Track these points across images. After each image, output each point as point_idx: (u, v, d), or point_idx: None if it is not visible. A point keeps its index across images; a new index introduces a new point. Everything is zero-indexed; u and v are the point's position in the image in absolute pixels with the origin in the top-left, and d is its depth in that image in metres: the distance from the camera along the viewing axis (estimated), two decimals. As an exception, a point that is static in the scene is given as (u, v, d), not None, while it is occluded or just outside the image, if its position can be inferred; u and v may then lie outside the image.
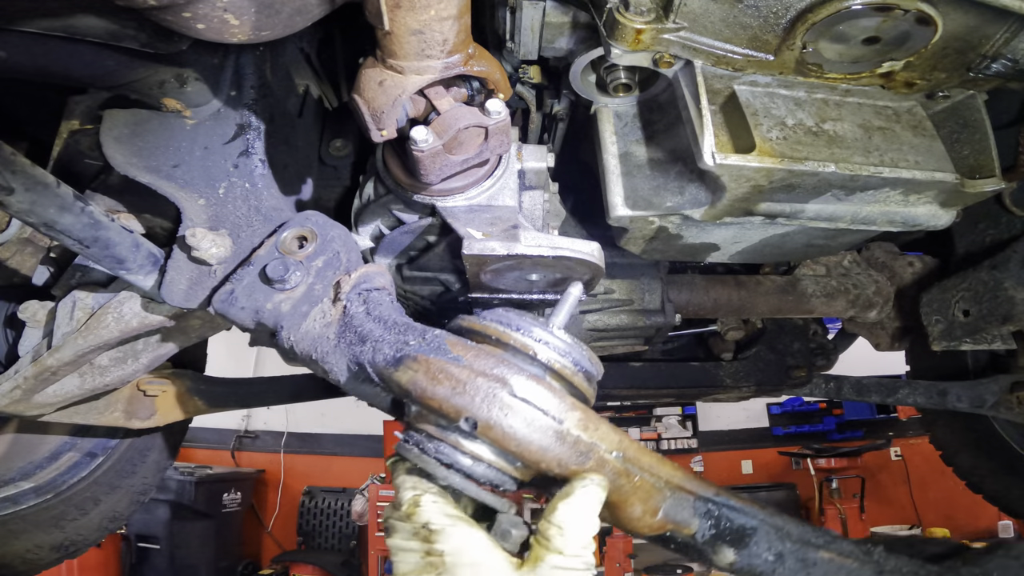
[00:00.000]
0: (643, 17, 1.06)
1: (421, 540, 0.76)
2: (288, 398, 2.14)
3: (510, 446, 0.81)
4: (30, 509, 1.77)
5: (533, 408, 0.81)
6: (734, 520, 1.02)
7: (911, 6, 1.01)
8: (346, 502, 7.03)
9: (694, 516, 0.97)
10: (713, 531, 1.00)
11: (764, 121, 1.17)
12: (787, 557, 1.06)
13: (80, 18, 0.94)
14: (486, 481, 0.84)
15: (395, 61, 0.92)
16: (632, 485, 0.89)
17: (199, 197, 1.13)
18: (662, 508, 0.93)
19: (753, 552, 1.03)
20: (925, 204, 1.29)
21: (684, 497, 0.97)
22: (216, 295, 1.00)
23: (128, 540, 6.05)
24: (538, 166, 1.24)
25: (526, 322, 0.90)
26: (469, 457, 0.83)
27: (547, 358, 0.89)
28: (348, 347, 0.93)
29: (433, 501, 0.79)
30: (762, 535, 1.04)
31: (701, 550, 1.01)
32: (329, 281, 1.00)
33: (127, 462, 2.00)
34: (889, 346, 2.17)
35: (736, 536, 1.02)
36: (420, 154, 0.98)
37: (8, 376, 1.22)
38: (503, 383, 0.81)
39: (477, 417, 0.80)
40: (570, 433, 0.82)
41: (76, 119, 1.34)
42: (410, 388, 0.84)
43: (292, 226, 1.05)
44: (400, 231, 1.22)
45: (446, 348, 0.85)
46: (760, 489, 6.91)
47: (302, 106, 1.41)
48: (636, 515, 0.90)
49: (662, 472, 0.95)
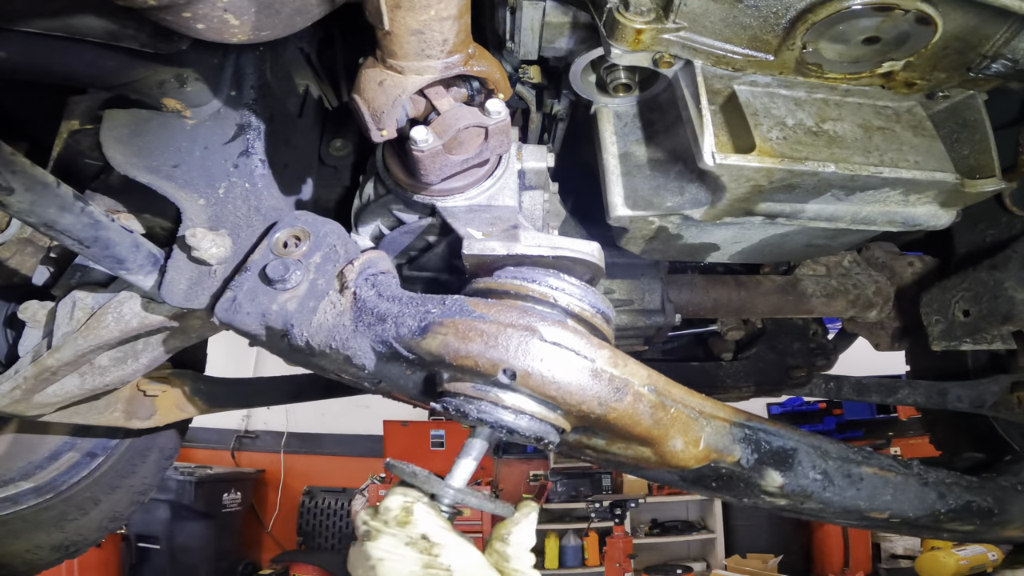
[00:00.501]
0: (643, 17, 1.06)
1: (419, 551, 0.75)
2: (288, 398, 2.14)
3: (550, 391, 0.82)
4: (30, 509, 1.77)
5: (565, 350, 0.83)
6: (772, 442, 1.03)
7: (911, 6, 1.01)
8: (346, 502, 7.04)
9: (734, 443, 0.98)
10: (756, 455, 1.00)
11: (764, 121, 1.17)
12: (832, 475, 1.06)
13: (80, 18, 0.94)
14: (531, 434, 0.85)
15: (395, 61, 0.92)
16: (669, 417, 0.90)
17: (199, 197, 1.13)
18: (702, 437, 0.94)
19: (799, 472, 1.03)
20: (925, 204, 1.29)
21: (720, 425, 0.98)
22: (218, 305, 0.99)
23: (128, 540, 6.05)
24: (538, 166, 1.24)
25: (539, 274, 0.93)
26: (511, 412, 0.84)
27: (567, 303, 0.92)
28: (368, 329, 0.93)
29: (427, 512, 0.78)
30: (803, 455, 1.05)
31: (748, 478, 1.01)
32: (330, 274, 1.00)
33: (127, 462, 2.00)
34: (889, 346, 2.17)
35: (779, 458, 1.03)
36: (420, 154, 0.98)
37: (8, 376, 1.22)
38: (532, 331, 0.83)
39: (515, 367, 0.81)
40: (604, 370, 0.84)
41: (76, 119, 1.34)
42: (442, 352, 0.84)
43: (283, 227, 1.04)
44: (400, 231, 1.22)
45: (469, 309, 0.87)
46: (760, 489, 6.90)
47: (302, 106, 1.41)
48: (679, 448, 0.91)
49: (694, 403, 0.96)
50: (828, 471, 1.04)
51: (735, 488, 1.03)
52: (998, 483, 1.28)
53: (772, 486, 1.01)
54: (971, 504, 1.19)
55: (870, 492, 1.07)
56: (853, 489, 1.06)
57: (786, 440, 1.04)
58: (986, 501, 1.22)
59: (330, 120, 1.56)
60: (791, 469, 1.02)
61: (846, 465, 1.08)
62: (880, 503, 1.08)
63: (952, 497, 1.18)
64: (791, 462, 1.02)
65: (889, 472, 1.11)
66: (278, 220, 1.06)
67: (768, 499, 1.04)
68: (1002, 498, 1.24)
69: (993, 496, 1.23)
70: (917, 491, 1.13)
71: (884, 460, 1.14)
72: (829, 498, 1.04)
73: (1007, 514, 1.24)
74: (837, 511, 1.08)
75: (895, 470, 1.12)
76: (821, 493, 1.03)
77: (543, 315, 0.88)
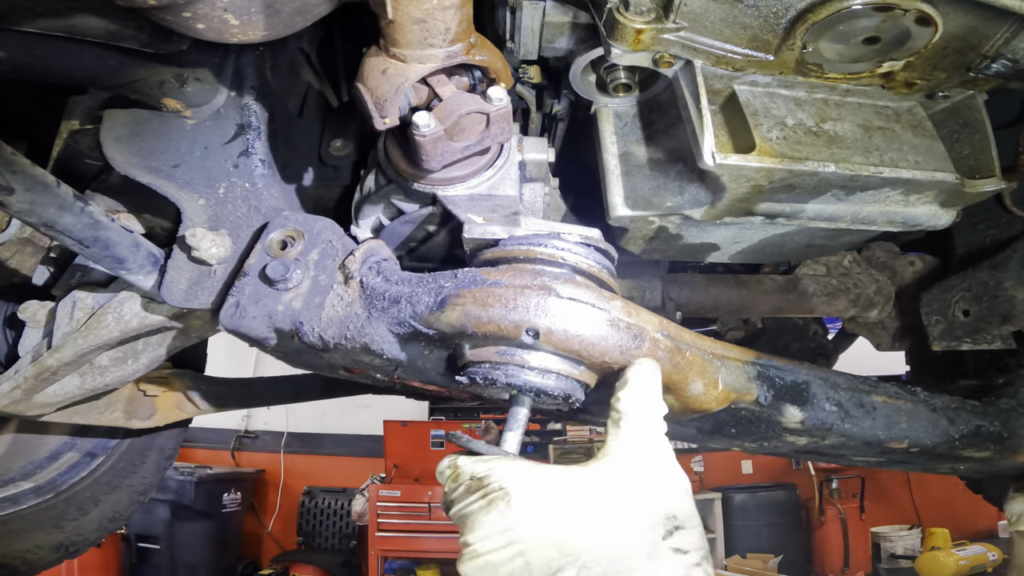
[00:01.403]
0: (643, 17, 1.06)
1: (476, 492, 0.75)
2: (288, 398, 2.13)
3: (573, 345, 0.84)
4: (30, 509, 1.77)
5: (582, 304, 0.85)
6: (785, 377, 1.04)
7: (911, 6, 1.01)
8: (346, 502, 7.04)
9: (750, 381, 0.99)
10: (772, 392, 1.01)
11: (764, 121, 1.17)
12: (847, 405, 1.07)
13: (80, 18, 0.94)
14: (559, 394, 0.86)
15: (398, 50, 0.93)
16: (686, 360, 0.91)
17: (199, 197, 1.13)
18: (720, 378, 0.95)
19: (817, 406, 1.04)
20: (925, 204, 1.29)
21: (734, 364, 0.99)
22: (222, 313, 0.98)
23: (128, 540, 6.05)
24: (539, 158, 1.24)
25: (543, 237, 0.95)
26: (538, 372, 0.86)
27: (574, 262, 0.94)
28: (383, 313, 0.93)
29: (464, 459, 0.80)
30: (816, 387, 1.06)
31: (768, 417, 1.01)
32: (331, 269, 1.00)
33: (127, 462, 2.00)
34: (890, 346, 2.17)
35: (794, 393, 1.03)
36: (422, 139, 0.98)
37: (8, 376, 1.22)
38: (549, 290, 0.85)
39: (536, 325, 0.83)
40: (620, 319, 0.86)
41: (76, 119, 1.34)
42: (463, 321, 0.85)
43: (275, 228, 1.04)
44: (400, 221, 1.22)
45: (483, 278, 0.88)
46: (760, 489, 6.91)
47: (302, 106, 1.41)
48: (699, 391, 0.92)
49: (705, 345, 0.98)
50: (842, 402, 1.05)
51: (756, 430, 1.04)
52: (999, 406, 1.29)
53: (792, 422, 1.01)
54: (981, 428, 1.20)
55: (886, 421, 1.08)
56: (869, 419, 1.06)
57: (797, 374, 1.05)
58: (994, 425, 1.22)
59: (330, 120, 1.56)
60: (808, 403, 1.02)
61: (857, 395, 1.08)
62: (897, 432, 1.08)
63: (961, 422, 1.18)
64: (807, 395, 1.03)
65: (899, 400, 1.12)
66: (268, 222, 1.06)
67: (790, 438, 1.04)
68: (1008, 421, 1.25)
69: (999, 420, 1.24)
70: (929, 417, 1.14)
71: (891, 388, 1.14)
72: (849, 430, 1.04)
73: (1017, 437, 1.25)
74: (858, 444, 1.07)
75: (903, 397, 1.13)
76: (841, 425, 1.03)
77: (554, 275, 0.90)
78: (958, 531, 6.04)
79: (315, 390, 2.14)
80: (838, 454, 1.13)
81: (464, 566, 0.73)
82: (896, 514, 6.84)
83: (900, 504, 6.93)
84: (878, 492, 6.87)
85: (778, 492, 6.85)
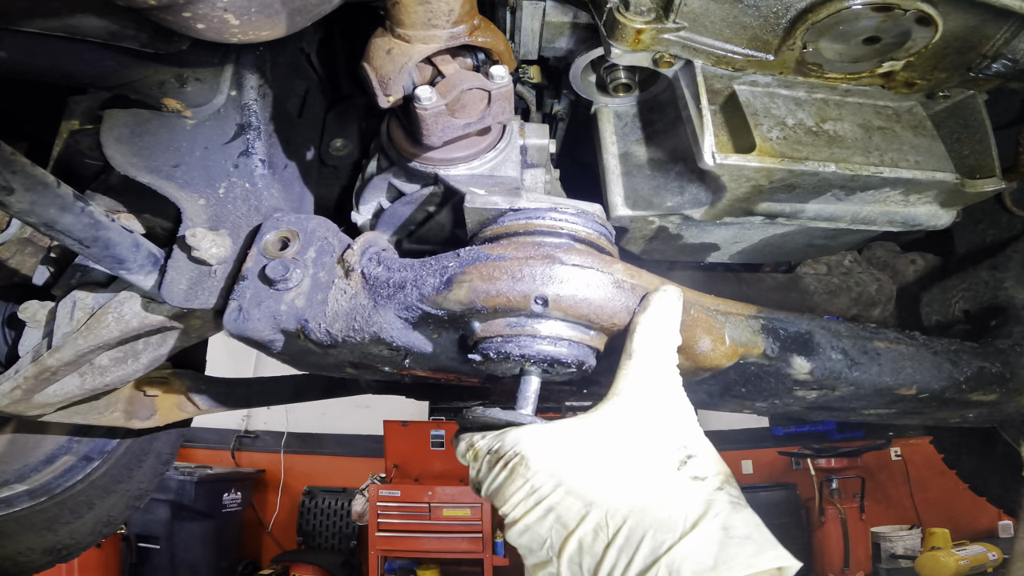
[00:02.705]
0: (643, 17, 1.06)
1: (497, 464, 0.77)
2: (288, 398, 2.13)
3: (582, 309, 0.85)
4: (23, 511, 1.76)
5: (586, 269, 0.86)
6: (789, 328, 1.04)
7: (911, 6, 1.01)
8: (346, 502, 7.04)
9: (755, 334, 1.00)
10: (778, 344, 1.01)
11: (764, 121, 1.17)
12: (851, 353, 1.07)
13: (80, 18, 0.94)
14: (572, 361, 0.87)
15: (402, 30, 0.96)
16: (691, 318, 0.91)
17: (199, 197, 1.13)
18: (726, 333, 0.96)
19: (823, 355, 1.05)
20: (925, 204, 1.29)
21: (737, 319, 1.00)
22: (226, 319, 0.97)
23: (128, 540, 6.05)
24: (540, 143, 1.24)
25: (540, 211, 0.97)
26: (550, 341, 0.86)
27: (572, 230, 0.95)
28: (389, 300, 0.93)
29: (480, 436, 0.83)
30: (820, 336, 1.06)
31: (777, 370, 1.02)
32: (330, 266, 1.00)
33: (123, 467, 1.98)
34: (890, 346, 2.17)
35: (800, 343, 1.04)
36: (423, 112, 0.99)
37: (8, 376, 1.22)
38: (552, 258, 0.86)
39: (545, 293, 0.84)
40: (624, 280, 0.87)
41: (76, 119, 1.34)
42: (471, 297, 0.86)
43: (268, 230, 1.04)
44: (401, 202, 1.22)
45: (486, 254, 0.89)
46: (760, 489, 6.91)
47: (302, 106, 1.41)
48: (707, 347, 0.93)
49: (708, 302, 0.98)
50: (847, 350, 1.05)
51: (766, 386, 1.04)
52: (996, 346, 1.28)
53: (801, 373, 1.01)
54: (983, 370, 1.19)
55: (892, 366, 1.07)
56: (875, 365, 1.06)
57: (799, 324, 1.05)
58: (995, 366, 1.22)
59: (330, 120, 1.56)
60: (814, 352, 1.02)
61: (860, 342, 1.08)
62: (904, 377, 1.08)
63: (964, 364, 1.17)
64: (812, 345, 1.03)
65: (900, 344, 1.12)
66: (260, 224, 1.06)
67: (800, 392, 1.04)
68: (1007, 361, 1.25)
69: (999, 360, 1.23)
70: (932, 360, 1.13)
71: (890, 334, 1.14)
72: (858, 377, 1.04)
73: (1019, 378, 1.24)
74: (869, 392, 1.06)
75: (903, 342, 1.13)
76: (849, 373, 1.03)
77: (555, 244, 0.91)
78: (958, 531, 6.04)
79: (315, 390, 2.14)
80: (848, 407, 1.12)
81: (509, 535, 0.75)
82: (896, 514, 6.83)
83: (900, 504, 6.93)
84: (878, 492, 6.87)
85: (778, 492, 6.84)
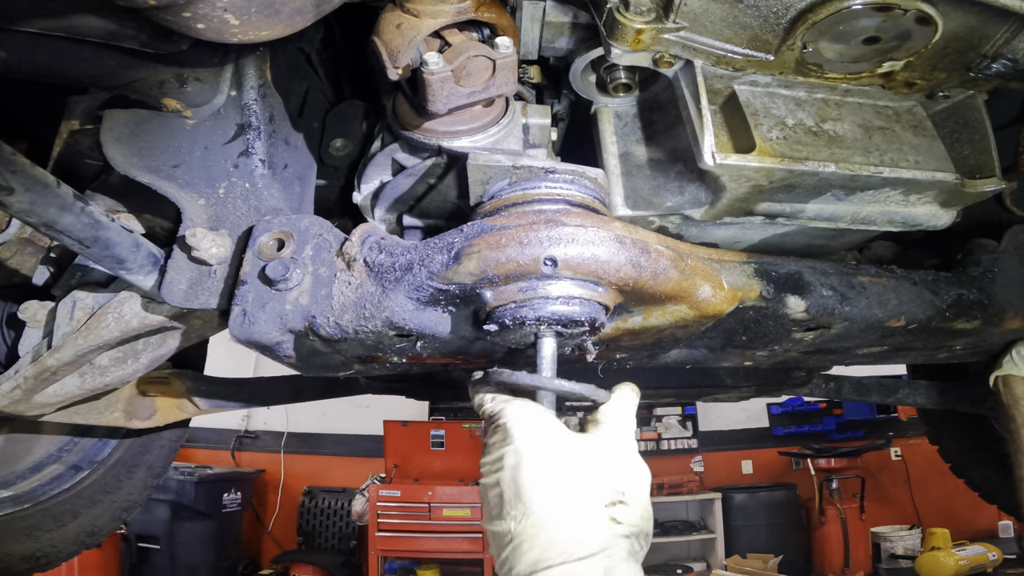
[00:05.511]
0: (643, 17, 1.06)
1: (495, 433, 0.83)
2: (288, 398, 2.13)
3: (590, 266, 0.88)
4: (5, 517, 1.73)
5: (588, 228, 0.89)
6: (779, 269, 1.08)
7: (911, 6, 1.01)
8: (346, 502, 7.04)
9: (750, 277, 1.04)
10: (772, 285, 1.05)
11: (764, 121, 1.17)
12: (840, 288, 1.13)
13: (80, 18, 0.94)
14: (585, 319, 0.90)
15: (412, 5, 1.02)
16: (690, 267, 0.95)
17: (199, 197, 1.13)
18: (723, 279, 1.01)
19: (815, 292, 1.11)
20: (925, 204, 1.29)
21: (731, 265, 1.04)
22: (231, 325, 0.97)
23: (128, 540, 6.05)
24: (543, 122, 1.25)
25: (535, 180, 1.01)
26: (562, 301, 0.89)
27: (569, 195, 0.99)
28: (398, 283, 0.94)
29: (492, 397, 0.88)
30: (809, 275, 1.14)
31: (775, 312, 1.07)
32: (329, 261, 1.00)
33: (113, 478, 1.96)
34: (890, 346, 2.17)
35: (792, 282, 1.09)
36: (430, 76, 1.02)
37: (8, 376, 1.22)
38: (555, 222, 0.89)
39: (553, 254, 0.87)
40: (625, 236, 0.90)
41: (76, 119, 1.34)
42: (482, 267, 0.88)
43: (262, 233, 1.04)
44: (403, 175, 1.22)
45: (490, 225, 0.91)
46: (760, 489, 6.91)
47: (302, 106, 1.41)
48: (708, 294, 0.96)
49: (701, 251, 1.03)
50: (835, 286, 1.10)
51: (765, 331, 1.08)
52: (969, 274, 1.32)
53: (798, 311, 1.05)
54: (962, 296, 1.24)
55: (879, 299, 1.11)
56: (864, 298, 1.11)
57: (788, 265, 1.09)
58: (972, 293, 1.26)
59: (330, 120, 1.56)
60: (806, 290, 1.05)
61: (846, 277, 1.12)
62: (892, 309, 1.12)
63: (943, 292, 1.22)
64: (803, 283, 1.07)
65: (881, 278, 1.18)
66: (251, 227, 1.06)
67: (798, 335, 1.08)
68: (983, 287, 1.29)
69: (975, 287, 1.28)
70: (913, 290, 1.18)
71: (870, 268, 1.18)
72: (850, 312, 1.08)
73: (997, 304, 1.28)
74: (862, 327, 1.10)
75: (883, 275, 1.19)
76: (841, 308, 1.08)
77: (555, 209, 0.95)
78: (958, 531, 6.04)
79: (315, 390, 2.14)
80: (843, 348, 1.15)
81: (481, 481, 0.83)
82: (896, 514, 6.84)
83: (900, 504, 6.93)
84: (878, 492, 6.87)
85: (778, 492, 6.84)
